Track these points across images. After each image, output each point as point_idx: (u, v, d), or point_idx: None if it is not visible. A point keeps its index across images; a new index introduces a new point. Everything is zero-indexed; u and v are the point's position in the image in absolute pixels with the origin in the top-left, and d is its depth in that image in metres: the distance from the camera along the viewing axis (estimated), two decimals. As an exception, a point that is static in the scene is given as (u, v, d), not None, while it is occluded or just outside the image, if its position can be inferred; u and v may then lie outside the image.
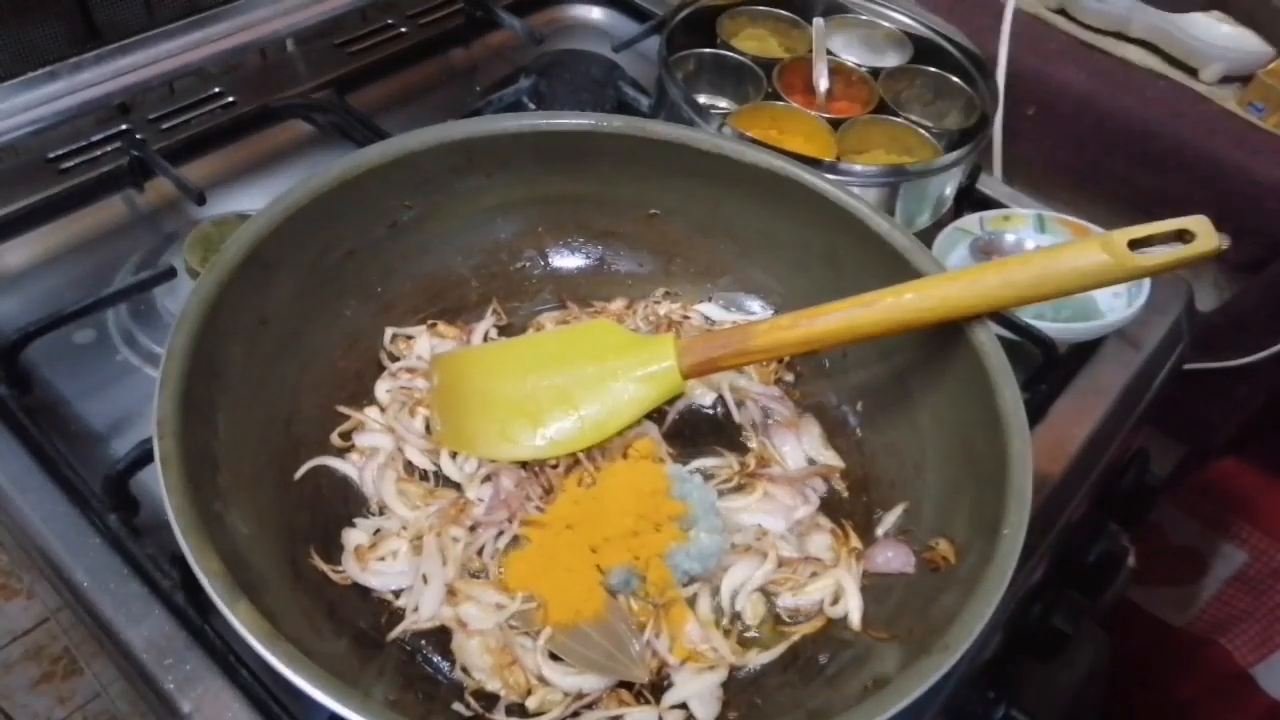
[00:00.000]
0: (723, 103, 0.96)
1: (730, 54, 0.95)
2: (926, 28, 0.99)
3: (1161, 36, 1.18)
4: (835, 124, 0.89)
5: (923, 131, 0.89)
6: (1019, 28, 1.15)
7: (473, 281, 0.78)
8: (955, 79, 0.95)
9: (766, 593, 0.64)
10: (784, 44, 1.01)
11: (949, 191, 0.91)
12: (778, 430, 0.72)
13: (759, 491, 0.68)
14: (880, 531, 0.66)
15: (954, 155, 0.86)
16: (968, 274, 0.61)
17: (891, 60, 0.99)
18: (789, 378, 0.77)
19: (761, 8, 1.01)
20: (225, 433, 0.59)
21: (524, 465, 0.67)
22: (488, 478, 0.67)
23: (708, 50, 0.96)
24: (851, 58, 0.97)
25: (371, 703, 0.46)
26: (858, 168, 0.83)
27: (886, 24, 1.00)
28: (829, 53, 0.96)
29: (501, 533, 0.64)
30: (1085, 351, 0.86)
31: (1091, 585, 0.89)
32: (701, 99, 0.95)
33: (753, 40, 1.00)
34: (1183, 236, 0.57)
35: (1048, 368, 0.80)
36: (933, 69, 0.96)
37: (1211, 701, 1.24)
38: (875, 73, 0.95)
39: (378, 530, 0.65)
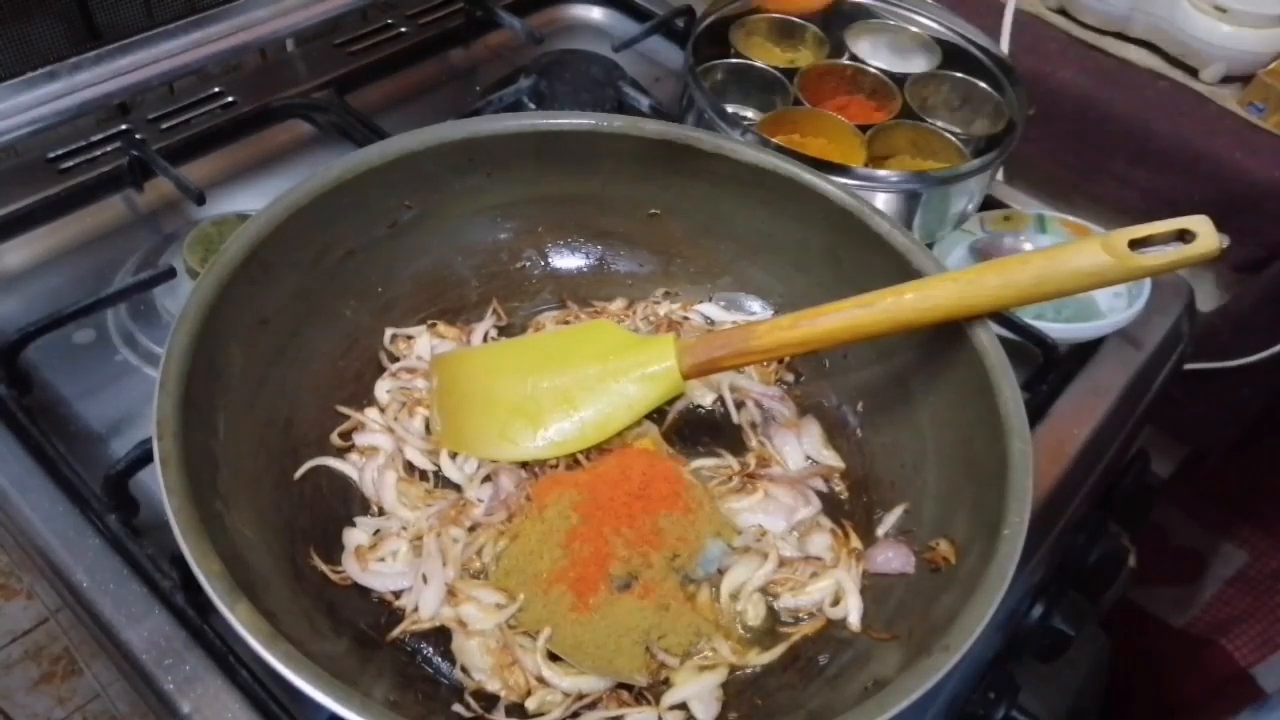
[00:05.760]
0: (749, 112, 0.96)
1: (754, 64, 0.94)
2: (954, 32, 0.98)
3: (1162, 36, 1.17)
4: (860, 127, 0.88)
5: (949, 136, 0.89)
6: (1019, 28, 1.15)
7: (473, 281, 0.78)
8: (983, 84, 0.94)
9: (767, 593, 0.64)
10: (792, 50, 1.00)
11: (971, 207, 0.90)
12: (778, 430, 0.72)
13: (759, 492, 0.68)
14: (881, 532, 0.66)
15: (979, 161, 0.84)
16: (968, 274, 0.61)
17: (918, 65, 0.97)
18: (789, 378, 0.77)
19: (775, 15, 1.00)
20: (225, 433, 0.59)
21: (524, 466, 0.68)
22: (488, 478, 0.67)
23: (734, 60, 0.95)
24: (877, 63, 0.96)
25: (371, 703, 0.46)
26: (880, 173, 0.82)
27: (913, 29, 0.99)
28: (854, 58, 0.95)
29: (501, 533, 0.64)
30: (1085, 351, 0.86)
31: (1092, 585, 0.89)
32: (729, 109, 0.94)
33: (762, 50, 0.99)
34: (1183, 236, 0.57)
35: (1048, 368, 0.80)
36: (960, 74, 0.95)
37: (1211, 701, 1.24)
38: (902, 78, 0.94)
39: (378, 530, 0.65)
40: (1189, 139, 1.11)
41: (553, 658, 0.59)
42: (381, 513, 0.66)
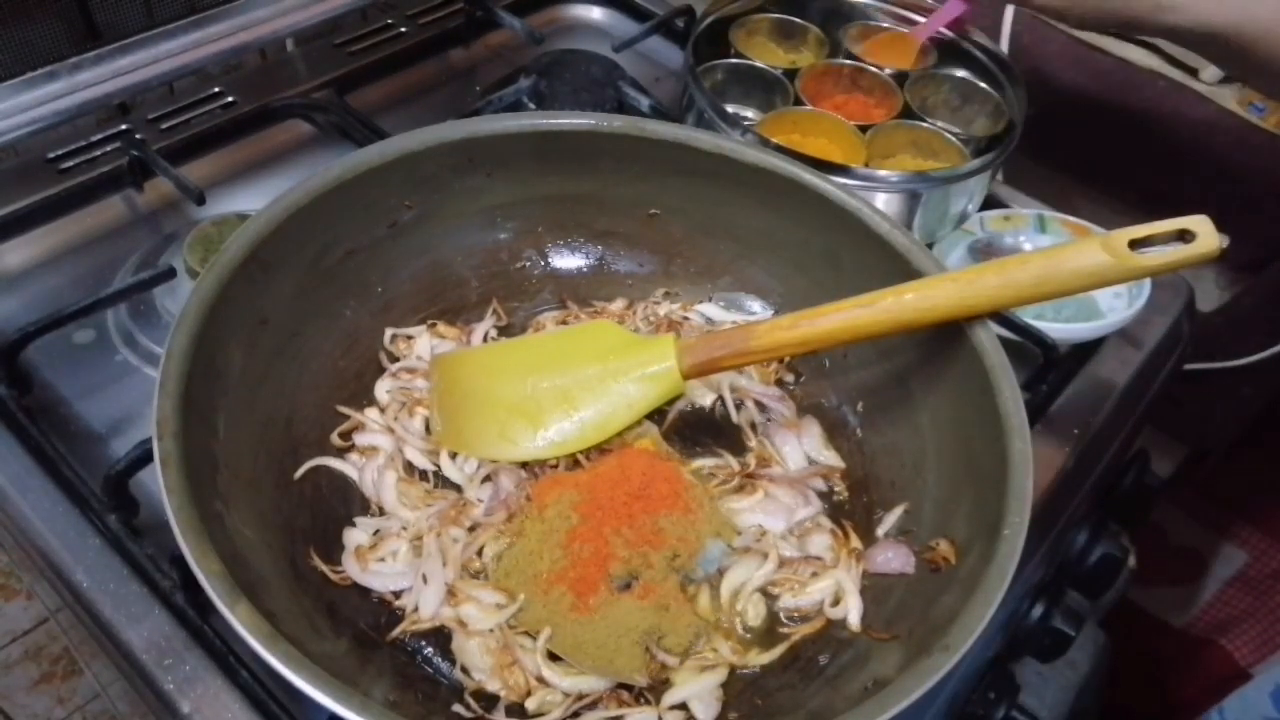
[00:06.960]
0: (749, 113, 0.96)
1: (755, 64, 0.94)
2: (953, 32, 0.98)
3: (1162, 36, 1.18)
4: (860, 127, 0.88)
5: (950, 136, 0.89)
6: (1019, 28, 1.15)
7: (473, 281, 0.78)
8: (982, 84, 0.94)
9: (767, 593, 0.64)
10: (793, 50, 1.00)
11: (971, 207, 0.90)
12: (778, 430, 0.72)
13: (759, 492, 0.68)
14: (881, 532, 0.66)
15: (979, 161, 0.84)
16: (968, 274, 0.61)
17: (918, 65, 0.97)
18: (789, 378, 0.77)
19: (775, 15, 1.00)
20: (225, 433, 0.59)
21: (524, 466, 0.68)
22: (488, 478, 0.67)
23: (734, 60, 0.95)
24: (876, 62, 0.96)
25: (371, 703, 0.46)
26: (880, 173, 0.82)
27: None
28: (854, 58, 0.95)
29: (501, 533, 0.64)
30: (1085, 351, 0.86)
31: (1092, 586, 0.89)
32: (729, 109, 0.93)
33: (762, 50, 0.99)
34: (1183, 236, 0.57)
35: (1048, 368, 0.80)
36: (960, 74, 0.95)
37: (1211, 702, 1.24)
38: (902, 78, 0.94)
39: (378, 530, 0.65)
40: (1189, 139, 1.11)
41: (553, 658, 0.59)
42: (381, 513, 0.66)
